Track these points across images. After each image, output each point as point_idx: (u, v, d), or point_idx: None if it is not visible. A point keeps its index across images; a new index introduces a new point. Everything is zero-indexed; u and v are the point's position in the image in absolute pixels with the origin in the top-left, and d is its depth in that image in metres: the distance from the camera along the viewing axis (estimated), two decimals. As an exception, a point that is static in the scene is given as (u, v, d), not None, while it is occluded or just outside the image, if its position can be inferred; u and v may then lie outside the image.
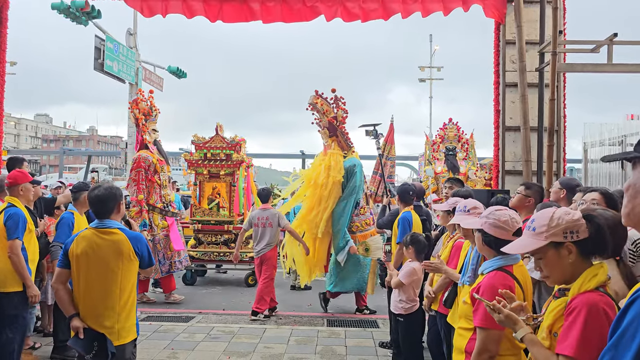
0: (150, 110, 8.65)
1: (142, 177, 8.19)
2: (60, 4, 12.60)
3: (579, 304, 1.93)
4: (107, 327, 3.28)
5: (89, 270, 3.30)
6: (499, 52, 7.12)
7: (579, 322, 1.88)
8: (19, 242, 4.45)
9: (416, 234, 5.04)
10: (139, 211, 8.06)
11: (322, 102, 7.68)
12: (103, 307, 3.30)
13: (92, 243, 3.33)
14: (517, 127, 6.81)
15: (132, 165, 8.30)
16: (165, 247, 8.28)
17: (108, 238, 3.35)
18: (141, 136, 8.55)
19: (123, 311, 3.35)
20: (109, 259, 3.32)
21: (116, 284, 3.32)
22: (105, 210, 3.42)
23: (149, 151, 8.48)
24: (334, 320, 7.25)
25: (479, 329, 2.60)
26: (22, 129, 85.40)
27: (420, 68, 32.97)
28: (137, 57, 17.03)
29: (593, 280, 1.97)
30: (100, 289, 3.30)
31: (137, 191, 8.15)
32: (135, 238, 3.44)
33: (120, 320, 3.33)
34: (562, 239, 2.03)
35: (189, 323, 6.94)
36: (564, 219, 2.06)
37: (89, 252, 3.31)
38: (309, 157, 22.02)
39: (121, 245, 3.35)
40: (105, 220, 3.40)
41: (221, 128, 10.25)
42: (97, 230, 3.37)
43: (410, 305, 4.91)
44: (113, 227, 3.39)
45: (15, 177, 4.67)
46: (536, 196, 4.15)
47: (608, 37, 5.82)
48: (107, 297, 3.31)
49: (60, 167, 23.66)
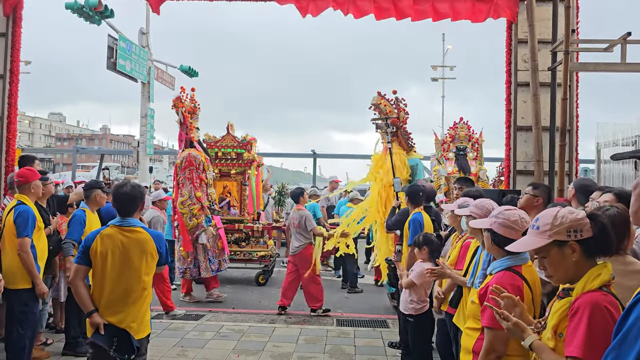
0: (194, 108, 8.61)
1: (195, 175, 8.21)
2: (74, 4, 12.68)
3: (582, 304, 1.93)
4: (128, 322, 3.36)
5: (113, 267, 3.37)
6: (510, 51, 7.06)
7: (583, 323, 1.88)
8: (29, 239, 4.50)
9: (428, 234, 5.02)
10: (200, 208, 8.07)
11: (385, 103, 7.90)
12: (125, 303, 3.37)
13: (117, 241, 3.39)
14: (529, 127, 6.75)
15: (183, 164, 8.24)
16: (213, 246, 8.26)
17: (133, 236, 3.43)
18: (187, 134, 8.51)
19: (142, 306, 3.45)
20: (133, 256, 3.39)
21: (139, 281, 3.41)
22: (132, 208, 3.50)
23: (196, 149, 8.49)
24: (343, 320, 7.24)
25: (487, 329, 2.59)
26: (37, 128, 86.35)
27: (432, 67, 32.79)
28: (150, 57, 17.10)
29: (597, 280, 1.98)
30: (125, 285, 3.38)
31: (194, 189, 8.15)
32: (158, 237, 3.56)
33: (139, 315, 3.42)
34: (565, 237, 2.04)
35: (199, 321, 6.98)
36: (567, 218, 2.06)
37: (114, 249, 3.38)
38: (320, 157, 21.98)
39: (146, 243, 3.43)
40: (128, 219, 3.47)
41: (232, 127, 10.29)
42: (121, 229, 3.44)
43: (421, 306, 4.89)
44: (137, 225, 3.48)
45: (24, 174, 4.72)
46: (544, 195, 4.13)
47: (622, 36, 5.74)
48: (131, 293, 3.39)
49: (74, 165, 23.81)
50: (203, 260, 8.10)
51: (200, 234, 8.03)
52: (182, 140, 8.62)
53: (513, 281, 2.64)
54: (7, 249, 4.60)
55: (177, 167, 8.39)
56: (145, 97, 17.05)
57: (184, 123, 8.51)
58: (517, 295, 2.58)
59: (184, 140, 8.58)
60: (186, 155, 8.29)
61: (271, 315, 7.41)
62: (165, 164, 55.00)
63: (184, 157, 8.28)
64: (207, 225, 8.06)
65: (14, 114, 7.25)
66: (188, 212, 8.03)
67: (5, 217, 4.64)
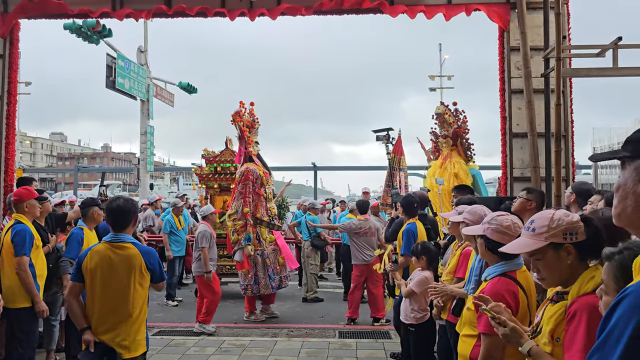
0: (253, 122, 8.57)
1: (249, 190, 8.10)
2: (72, 24, 12.83)
3: (579, 307, 1.93)
4: (119, 340, 3.31)
5: (102, 284, 3.34)
6: (503, 58, 7.11)
7: (582, 327, 1.88)
8: (27, 258, 4.52)
9: (426, 243, 5.03)
10: (243, 225, 7.93)
11: (449, 113, 8.07)
12: (115, 321, 3.32)
13: (105, 257, 3.37)
14: (524, 134, 6.78)
15: (240, 178, 8.19)
16: (274, 262, 8.14)
17: (121, 252, 3.39)
18: (246, 148, 8.45)
19: (134, 325, 3.37)
20: (121, 273, 3.35)
21: (128, 298, 3.35)
22: (123, 223, 3.46)
23: (255, 164, 8.45)
24: (345, 332, 7.21)
25: (483, 335, 2.58)
26: (38, 148, 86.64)
27: (430, 77, 32.96)
28: (148, 74, 17.25)
29: (590, 283, 1.98)
30: (112, 303, 3.34)
31: (244, 204, 8.01)
32: (147, 252, 3.48)
33: (131, 333, 3.35)
34: (561, 240, 2.05)
35: (200, 337, 6.96)
36: (563, 220, 2.07)
37: (103, 266, 3.35)
38: (321, 169, 21.99)
39: (133, 259, 3.37)
40: (119, 234, 3.44)
41: (230, 142, 10.32)
42: (111, 245, 3.41)
43: (421, 315, 4.88)
44: (126, 241, 3.43)
45: (20, 194, 4.76)
46: (537, 200, 4.15)
47: (613, 41, 5.78)
48: (119, 311, 3.33)
49: (75, 184, 23.88)
50: (263, 277, 7.97)
51: (237, 250, 7.91)
52: (241, 154, 8.58)
53: (508, 287, 2.64)
54: (6, 269, 4.61)
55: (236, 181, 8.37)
56: (144, 114, 17.16)
57: (242, 137, 8.46)
58: (513, 301, 2.59)
59: (243, 154, 8.53)
60: (244, 169, 8.23)
61: (273, 329, 7.39)
62: (167, 180, 55.12)
63: (242, 172, 8.22)
64: (245, 243, 7.85)
65: (12, 135, 7.31)
66: (232, 226, 7.97)
67: (3, 237, 4.66)
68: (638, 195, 1.18)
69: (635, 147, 1.20)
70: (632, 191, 1.20)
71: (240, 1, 7.17)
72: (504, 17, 6.93)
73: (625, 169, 1.24)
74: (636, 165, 1.19)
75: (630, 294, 1.07)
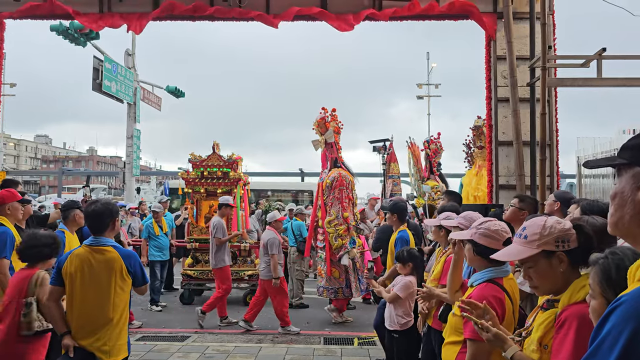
0: (339, 128, 8.64)
1: (345, 195, 8.23)
2: (60, 26, 12.74)
3: (569, 316, 1.91)
4: (99, 345, 3.29)
5: (82, 288, 3.32)
6: (490, 67, 7.19)
7: (570, 336, 1.87)
8: (7, 261, 4.43)
9: (412, 250, 5.04)
10: (346, 229, 8.05)
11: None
12: (95, 325, 3.30)
13: (85, 261, 3.35)
14: (510, 142, 6.84)
15: (333, 183, 8.27)
16: (362, 266, 8.22)
17: (101, 256, 3.37)
18: (337, 154, 8.54)
19: (115, 329, 3.35)
20: (102, 276, 3.33)
21: (109, 301, 3.33)
22: (101, 226, 3.44)
23: (344, 169, 8.53)
24: (330, 339, 7.19)
25: (469, 341, 2.57)
26: (22, 150, 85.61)
27: (418, 85, 33.17)
28: (136, 77, 17.16)
29: (582, 291, 1.96)
30: (92, 307, 3.32)
31: (342, 209, 8.14)
32: (128, 256, 3.46)
33: (112, 338, 3.33)
34: (554, 247, 2.03)
35: (184, 342, 6.89)
36: (556, 228, 2.05)
37: (83, 269, 3.33)
38: (308, 175, 21.99)
39: (114, 263, 3.36)
40: (99, 237, 3.43)
41: (218, 146, 10.28)
42: (91, 248, 3.40)
43: (406, 320, 4.87)
44: (107, 244, 3.42)
45: (2, 196, 4.69)
46: (530, 209, 4.14)
47: (597, 51, 5.87)
48: (100, 315, 3.31)
49: (59, 187, 23.62)
50: (353, 280, 8.08)
51: (343, 255, 7.99)
52: (328, 159, 8.64)
53: (495, 293, 2.63)
54: (-15, 272, 4.51)
55: (325, 187, 8.41)
56: (131, 117, 17.05)
57: (330, 143, 8.53)
58: (500, 308, 2.59)
59: (330, 159, 8.61)
60: (337, 175, 8.32)
61: (258, 335, 7.34)
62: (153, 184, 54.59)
63: (335, 177, 8.31)
64: (351, 247, 7.98)
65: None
66: (334, 231, 8.04)
67: (-16, 239, 4.56)
68: (637, 203, 1.15)
69: (633, 154, 1.17)
70: (631, 199, 1.17)
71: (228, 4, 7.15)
72: (491, 27, 7.00)
73: (622, 176, 1.21)
74: (634, 172, 1.16)
75: (623, 303, 1.05)
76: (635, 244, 1.21)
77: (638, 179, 1.15)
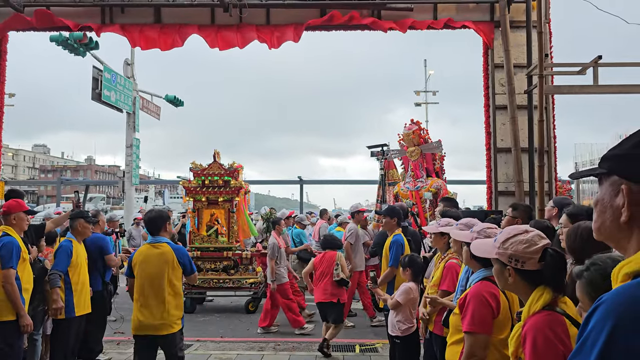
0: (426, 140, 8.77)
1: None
2: (59, 36, 12.75)
3: (528, 330, 1.98)
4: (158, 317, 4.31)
5: (145, 273, 4.38)
6: (488, 75, 7.28)
7: (528, 351, 1.93)
8: (13, 271, 4.47)
9: (413, 256, 5.09)
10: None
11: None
12: (155, 302, 4.33)
13: (146, 253, 4.43)
14: (508, 149, 6.92)
15: (440, 192, 8.32)
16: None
17: (157, 250, 4.43)
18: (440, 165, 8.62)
19: (170, 306, 4.36)
20: (158, 264, 4.38)
21: (164, 284, 4.34)
22: (156, 228, 4.48)
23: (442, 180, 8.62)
24: (332, 346, 7.20)
25: (467, 334, 2.68)
26: (20, 160, 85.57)
27: (416, 92, 33.32)
28: (135, 87, 17.20)
29: (540, 301, 2.02)
30: (152, 288, 4.35)
31: None
32: (178, 250, 4.48)
33: (168, 311, 4.35)
34: (506, 261, 2.14)
35: (186, 351, 6.89)
36: (515, 248, 2.13)
37: (145, 259, 4.40)
38: (307, 183, 22.02)
39: (167, 255, 4.40)
40: (157, 237, 4.46)
41: (218, 155, 10.33)
42: (151, 245, 4.46)
43: (407, 327, 4.91)
44: (162, 241, 4.45)
45: (9, 205, 4.72)
46: (523, 216, 4.23)
47: (593, 59, 5.96)
48: (158, 294, 4.34)
49: (58, 197, 23.53)
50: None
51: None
52: (423, 169, 8.70)
53: (489, 289, 2.75)
54: (-9, 281, 4.55)
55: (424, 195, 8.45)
56: (130, 127, 17.08)
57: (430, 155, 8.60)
58: (494, 302, 2.71)
59: (425, 169, 8.68)
60: (440, 184, 8.44)
61: (260, 343, 7.35)
62: (152, 193, 54.63)
63: (439, 186, 8.40)
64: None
65: (-1, 147, 7.26)
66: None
67: (-10, 249, 4.60)
68: (615, 209, 1.23)
69: (610, 165, 1.25)
70: (610, 205, 1.25)
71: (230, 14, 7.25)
72: (488, 35, 7.10)
73: (602, 184, 1.29)
74: (612, 181, 1.24)
75: (604, 302, 1.10)
76: (619, 247, 1.29)
77: (615, 187, 1.23)
